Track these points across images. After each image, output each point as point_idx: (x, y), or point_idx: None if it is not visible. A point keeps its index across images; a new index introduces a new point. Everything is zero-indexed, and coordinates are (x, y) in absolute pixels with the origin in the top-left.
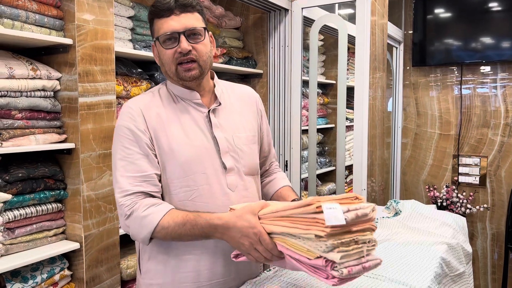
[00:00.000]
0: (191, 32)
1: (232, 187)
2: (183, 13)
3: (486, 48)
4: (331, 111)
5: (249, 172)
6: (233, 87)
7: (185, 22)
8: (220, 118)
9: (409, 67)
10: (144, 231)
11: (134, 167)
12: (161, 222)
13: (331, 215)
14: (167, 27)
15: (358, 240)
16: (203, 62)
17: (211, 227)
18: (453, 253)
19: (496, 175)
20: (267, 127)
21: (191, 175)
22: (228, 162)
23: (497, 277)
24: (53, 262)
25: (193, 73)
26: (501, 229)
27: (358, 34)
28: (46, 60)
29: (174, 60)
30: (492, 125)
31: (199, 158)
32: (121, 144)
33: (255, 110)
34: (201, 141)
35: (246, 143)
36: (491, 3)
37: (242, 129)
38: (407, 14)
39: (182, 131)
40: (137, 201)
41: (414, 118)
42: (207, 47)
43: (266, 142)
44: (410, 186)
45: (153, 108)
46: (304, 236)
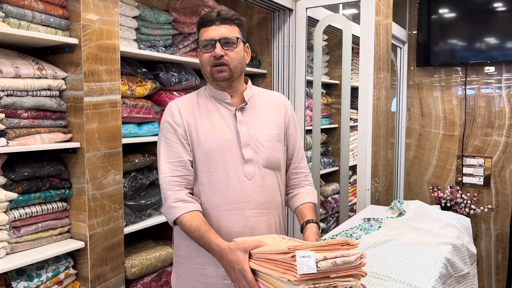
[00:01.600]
0: (225, 40)
1: (248, 176)
2: (223, 24)
3: (490, 49)
4: (334, 111)
5: (268, 166)
6: (265, 92)
7: (222, 32)
8: (246, 116)
9: (413, 67)
10: (169, 217)
11: (172, 153)
12: (180, 218)
13: (303, 264)
14: (207, 35)
15: (337, 286)
16: (233, 66)
17: (210, 249)
18: (457, 253)
19: (501, 176)
20: (295, 132)
21: (212, 162)
22: (247, 154)
23: (501, 278)
24: (58, 261)
25: (223, 74)
26: (506, 230)
27: (363, 34)
28: (52, 60)
29: (209, 62)
30: (496, 125)
31: (221, 148)
32: (163, 136)
33: (283, 113)
34: (224, 134)
35: (269, 139)
36: (495, 3)
37: (267, 127)
38: (411, 14)
39: (210, 125)
40: (173, 188)
41: (418, 118)
42: (239, 54)
43: (292, 145)
44: (414, 187)
45: (189, 106)
46: (281, 279)
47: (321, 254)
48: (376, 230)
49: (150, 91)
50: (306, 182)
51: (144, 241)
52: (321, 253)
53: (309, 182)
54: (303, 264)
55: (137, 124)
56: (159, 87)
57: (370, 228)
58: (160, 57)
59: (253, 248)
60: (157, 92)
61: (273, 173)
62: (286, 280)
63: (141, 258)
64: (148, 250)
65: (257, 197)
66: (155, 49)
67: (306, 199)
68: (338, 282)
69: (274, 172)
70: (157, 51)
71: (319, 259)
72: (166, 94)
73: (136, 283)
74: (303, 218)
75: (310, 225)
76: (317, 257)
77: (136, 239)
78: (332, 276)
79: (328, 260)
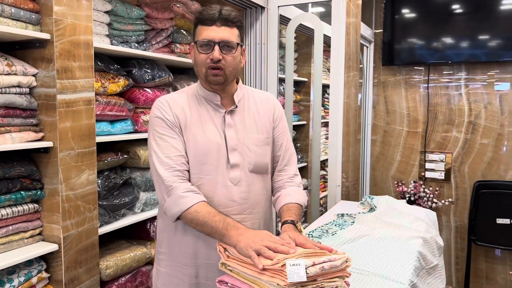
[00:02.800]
0: (225, 44)
1: (234, 181)
2: (223, 26)
3: (447, 49)
4: (303, 108)
5: (254, 170)
6: (254, 93)
7: (223, 34)
8: (235, 119)
9: (379, 66)
10: (176, 208)
11: (169, 148)
12: (195, 206)
13: (293, 272)
14: (206, 35)
15: (323, 286)
16: (229, 72)
17: (235, 226)
18: (427, 246)
19: (460, 171)
20: (282, 133)
21: (201, 165)
22: (233, 159)
23: (460, 267)
24: (30, 265)
25: (218, 78)
26: (464, 222)
27: (334, 34)
28: (21, 55)
29: (205, 64)
30: (456, 123)
31: (209, 151)
32: (155, 132)
33: (271, 115)
34: (214, 137)
35: (257, 144)
36: (453, 5)
37: (255, 130)
38: (377, 14)
39: (200, 127)
40: (177, 181)
41: (383, 115)
42: (236, 59)
43: (278, 145)
44: (379, 182)
45: (179, 103)
46: (270, 282)
47: (310, 259)
48: (350, 226)
49: (123, 88)
50: (290, 183)
51: (117, 241)
52: (310, 259)
53: (293, 183)
54: (293, 273)
55: (110, 122)
56: (132, 84)
57: (344, 223)
58: (133, 53)
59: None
60: (129, 89)
61: (260, 177)
62: (276, 284)
63: (116, 259)
64: (122, 250)
65: (241, 202)
66: (127, 45)
67: (285, 200)
68: (324, 283)
69: (261, 176)
70: (129, 47)
71: (308, 265)
72: (139, 91)
73: (111, 285)
74: (281, 220)
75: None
76: (306, 263)
77: (109, 240)
78: (319, 279)
79: (317, 266)
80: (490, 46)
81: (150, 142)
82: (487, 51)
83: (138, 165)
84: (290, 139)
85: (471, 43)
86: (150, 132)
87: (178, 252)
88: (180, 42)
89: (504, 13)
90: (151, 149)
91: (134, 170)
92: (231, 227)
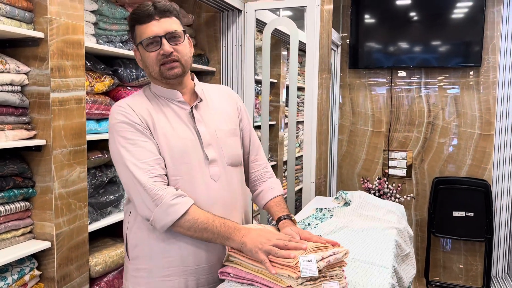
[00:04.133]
0: (171, 35)
1: (214, 177)
2: (163, 18)
3: (402, 53)
4: (272, 109)
5: (232, 163)
6: (212, 87)
7: (165, 26)
8: (202, 113)
9: (345, 69)
10: (167, 219)
11: (144, 153)
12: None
13: (306, 267)
14: (149, 32)
15: (326, 275)
16: (185, 61)
17: (236, 229)
18: (401, 236)
19: (420, 168)
20: (248, 123)
21: (177, 165)
22: (210, 154)
23: (420, 258)
24: (22, 263)
25: (176, 71)
26: (424, 216)
27: (309, 38)
28: (11, 53)
29: (157, 61)
30: (417, 123)
31: (185, 149)
32: (123, 138)
33: (235, 106)
34: (187, 134)
35: (228, 135)
36: (410, 12)
37: (224, 122)
38: (344, 19)
39: (169, 125)
40: (161, 187)
41: (349, 116)
42: (187, 48)
43: (247, 136)
44: (346, 179)
45: (140, 104)
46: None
47: (319, 254)
48: (329, 219)
49: (109, 87)
50: (267, 174)
51: (102, 239)
52: (318, 253)
53: (270, 174)
54: (306, 268)
55: (96, 120)
56: (118, 83)
57: (323, 217)
58: (120, 53)
59: None
60: (114, 89)
61: (237, 170)
62: (286, 275)
63: (104, 256)
64: (109, 247)
65: (223, 198)
66: (112, 44)
67: (270, 194)
68: (327, 272)
69: (236, 168)
70: (114, 46)
71: (318, 260)
72: (123, 90)
73: (100, 281)
74: (274, 216)
75: (284, 222)
76: (316, 258)
77: (94, 238)
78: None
79: (325, 260)
80: (440, 52)
81: (117, 151)
82: (438, 56)
83: None
84: (254, 130)
85: (424, 48)
86: (114, 140)
87: (161, 264)
88: None
89: (454, 21)
90: (121, 158)
91: None
92: (233, 229)
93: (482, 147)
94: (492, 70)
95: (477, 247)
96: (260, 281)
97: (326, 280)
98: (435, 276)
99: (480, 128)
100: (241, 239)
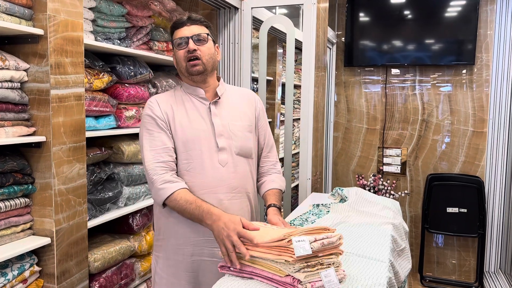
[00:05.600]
0: (197, 37)
1: (222, 163)
2: (193, 25)
3: (396, 51)
4: (268, 106)
5: (240, 153)
6: (235, 89)
7: (193, 30)
8: (220, 109)
9: (340, 66)
10: (158, 199)
11: (155, 142)
12: (172, 196)
13: (299, 247)
14: (180, 34)
15: (323, 263)
16: (206, 60)
17: (208, 213)
18: (397, 231)
19: (414, 165)
20: (265, 124)
21: (190, 151)
22: (221, 143)
23: (414, 253)
24: (22, 259)
25: (197, 68)
26: (418, 212)
27: (305, 36)
28: (10, 50)
29: (184, 58)
30: (411, 120)
31: (197, 138)
32: (145, 128)
33: (253, 107)
34: (200, 125)
35: (241, 130)
36: (405, 11)
37: (239, 119)
38: (339, 18)
39: (187, 118)
40: (158, 172)
41: (344, 113)
42: (210, 50)
43: (262, 136)
44: (341, 176)
45: (168, 102)
46: (277, 260)
47: (312, 236)
48: (326, 214)
49: (107, 84)
50: (274, 170)
51: (100, 235)
52: (312, 235)
53: (276, 170)
54: (300, 247)
55: (95, 117)
56: (116, 80)
57: (320, 212)
58: (119, 50)
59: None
60: (112, 86)
61: (245, 160)
62: (283, 260)
63: (103, 252)
64: (107, 244)
65: (229, 182)
66: (110, 41)
67: (270, 186)
68: (324, 259)
69: (246, 159)
70: (112, 43)
71: (311, 241)
72: (121, 87)
73: (99, 277)
74: (266, 203)
75: (270, 209)
76: (310, 239)
77: (92, 234)
78: (319, 255)
79: (318, 241)
80: (434, 50)
81: (141, 136)
82: (431, 54)
83: (121, 160)
84: (270, 131)
85: (418, 46)
86: (141, 128)
87: (174, 235)
88: (158, 40)
89: (447, 20)
90: (141, 142)
91: (117, 165)
92: (206, 213)
93: (475, 144)
94: (485, 68)
95: (470, 242)
96: (260, 273)
97: (323, 269)
98: (429, 272)
99: (473, 125)
100: (211, 224)
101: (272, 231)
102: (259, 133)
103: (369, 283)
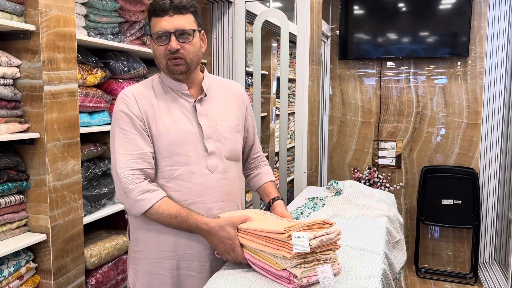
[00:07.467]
0: (180, 32)
1: (211, 169)
2: (176, 14)
3: (391, 44)
4: (263, 101)
5: (230, 157)
6: (220, 81)
7: (177, 23)
8: (206, 108)
9: (335, 60)
10: (135, 211)
11: (131, 146)
12: (153, 208)
13: (298, 243)
14: (160, 26)
15: (320, 258)
16: (190, 60)
17: (197, 229)
18: (392, 223)
19: (409, 157)
20: (252, 120)
21: (174, 156)
22: (210, 147)
23: (409, 245)
24: (18, 255)
25: (180, 68)
26: (413, 204)
27: (300, 30)
28: (2, 46)
29: (164, 55)
30: (406, 113)
31: (183, 141)
32: (118, 127)
33: (241, 102)
34: (186, 127)
35: (229, 131)
36: (399, 3)
37: (226, 118)
38: (333, 10)
39: (170, 117)
40: (134, 181)
41: (339, 107)
42: (195, 46)
43: (251, 133)
44: (336, 169)
45: (145, 96)
46: (274, 254)
47: (311, 233)
48: (321, 207)
49: (101, 80)
50: (264, 162)
51: (96, 231)
52: (311, 232)
53: (265, 162)
54: (298, 244)
55: (89, 113)
56: (109, 76)
57: (316, 206)
58: (111, 45)
59: (240, 222)
60: (106, 81)
61: (235, 164)
62: (281, 256)
63: (99, 248)
64: (103, 239)
65: (219, 190)
66: (103, 36)
67: (267, 178)
68: (321, 255)
69: (235, 163)
70: (105, 39)
71: (310, 238)
72: (115, 82)
73: (96, 273)
74: (269, 196)
75: (279, 202)
76: (309, 236)
77: (88, 230)
78: (317, 251)
79: (317, 238)
80: (428, 42)
81: (112, 136)
82: (426, 47)
83: None
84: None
85: (412, 39)
86: (114, 125)
87: (156, 247)
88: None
89: (441, 12)
90: (113, 143)
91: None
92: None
93: (470, 136)
94: (479, 60)
95: (465, 234)
96: (256, 262)
97: (319, 264)
98: (424, 263)
99: (468, 117)
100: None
101: (272, 221)
102: (249, 130)
103: (364, 275)
